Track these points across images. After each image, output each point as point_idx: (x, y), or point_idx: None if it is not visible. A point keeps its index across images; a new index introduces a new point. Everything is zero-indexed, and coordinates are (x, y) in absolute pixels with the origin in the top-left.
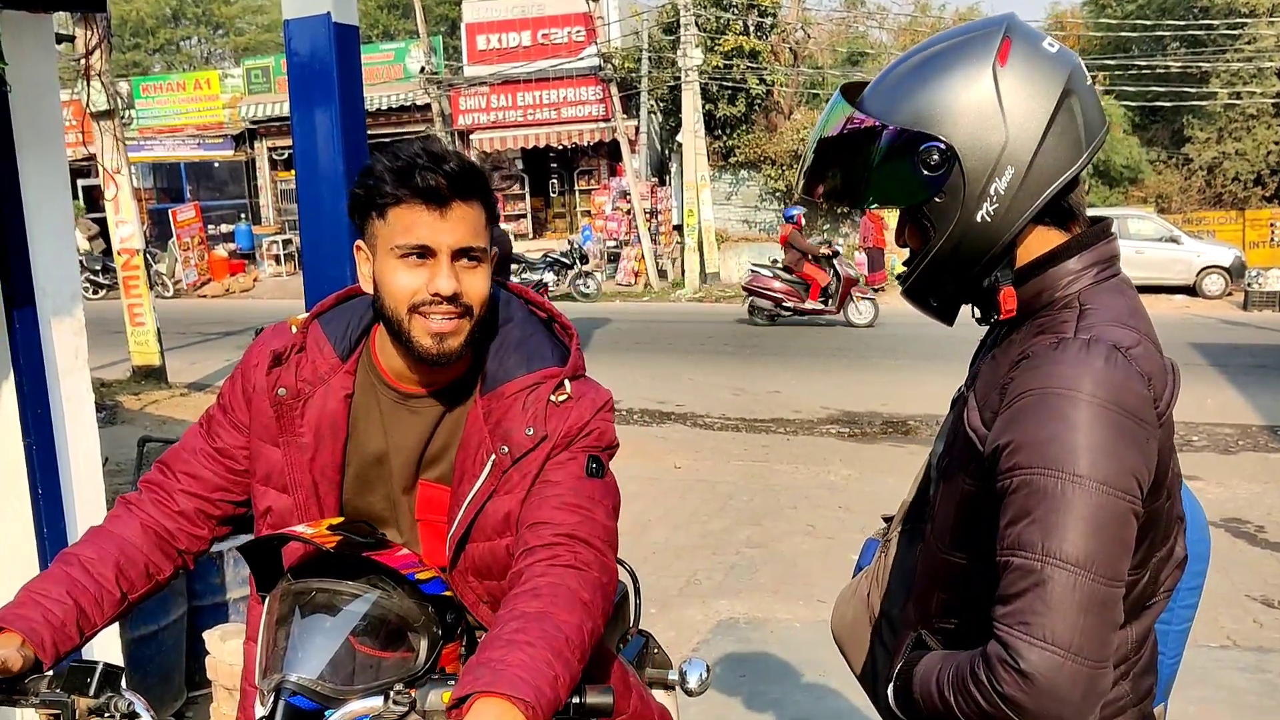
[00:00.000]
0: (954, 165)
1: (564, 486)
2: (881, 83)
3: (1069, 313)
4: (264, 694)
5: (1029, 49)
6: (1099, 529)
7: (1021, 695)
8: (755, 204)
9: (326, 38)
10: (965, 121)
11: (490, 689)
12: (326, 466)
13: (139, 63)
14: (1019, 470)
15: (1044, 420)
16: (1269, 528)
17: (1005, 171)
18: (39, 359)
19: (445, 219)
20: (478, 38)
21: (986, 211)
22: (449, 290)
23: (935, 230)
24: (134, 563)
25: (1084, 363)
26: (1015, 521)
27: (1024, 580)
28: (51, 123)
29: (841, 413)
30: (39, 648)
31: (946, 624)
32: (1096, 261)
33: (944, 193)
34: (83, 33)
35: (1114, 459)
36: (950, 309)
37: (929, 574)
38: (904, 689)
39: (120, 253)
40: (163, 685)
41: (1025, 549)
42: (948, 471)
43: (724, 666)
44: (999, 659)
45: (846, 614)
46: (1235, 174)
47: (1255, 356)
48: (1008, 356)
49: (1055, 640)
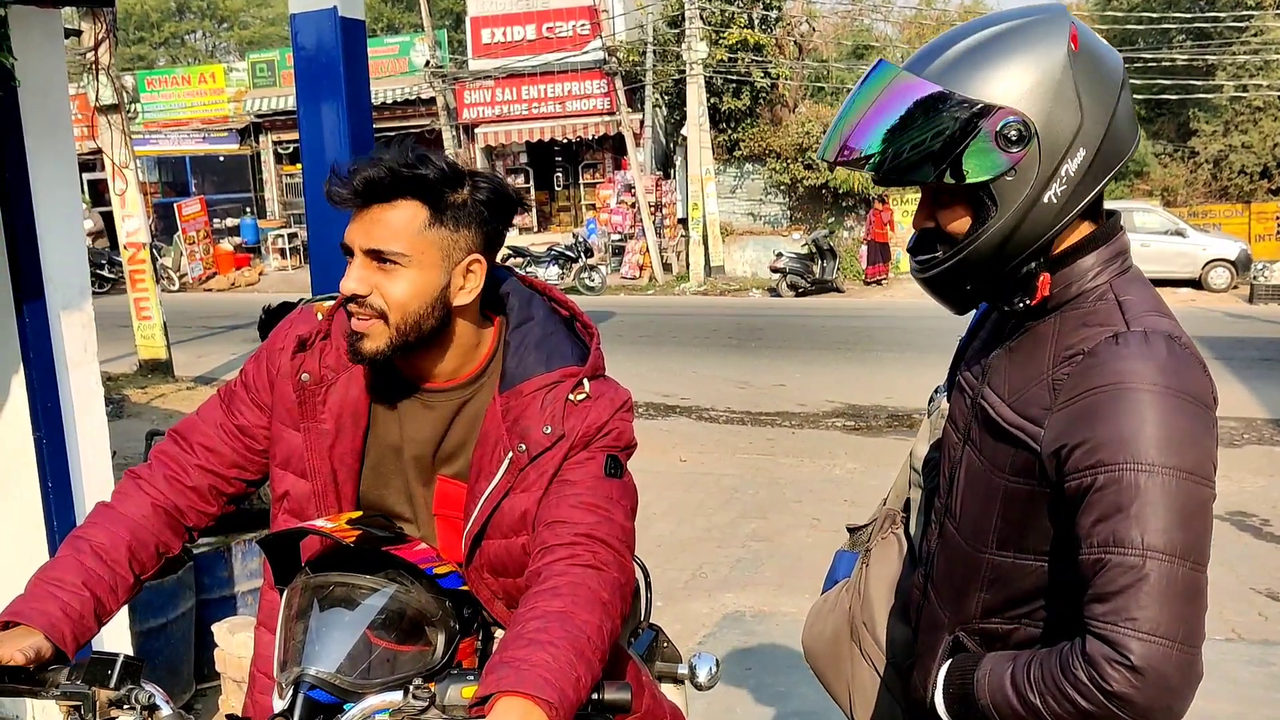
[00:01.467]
0: (1031, 142)
1: (582, 486)
2: (943, 55)
3: (1106, 304)
4: (283, 687)
5: (1092, 39)
6: (1190, 518)
7: (1133, 691)
8: (760, 197)
9: (333, 31)
10: (1045, 100)
11: (515, 689)
12: (346, 454)
13: (144, 56)
14: (1103, 467)
15: (1122, 415)
16: (1274, 521)
17: (1078, 153)
18: (48, 352)
19: (359, 220)
20: (482, 31)
21: (1055, 192)
22: (348, 290)
23: (997, 209)
24: (145, 545)
25: (1149, 355)
26: (1105, 518)
27: (1125, 576)
28: (60, 117)
29: (846, 406)
30: (60, 641)
31: (987, 625)
32: (1117, 253)
33: (1015, 170)
34: (89, 27)
35: (1195, 447)
36: (976, 295)
37: (964, 575)
38: (962, 696)
39: (127, 246)
40: (171, 678)
41: (1122, 545)
42: (973, 470)
43: (730, 659)
44: (1105, 657)
45: (824, 629)
46: (1241, 167)
47: (1261, 350)
48: (1040, 351)
49: (1163, 632)
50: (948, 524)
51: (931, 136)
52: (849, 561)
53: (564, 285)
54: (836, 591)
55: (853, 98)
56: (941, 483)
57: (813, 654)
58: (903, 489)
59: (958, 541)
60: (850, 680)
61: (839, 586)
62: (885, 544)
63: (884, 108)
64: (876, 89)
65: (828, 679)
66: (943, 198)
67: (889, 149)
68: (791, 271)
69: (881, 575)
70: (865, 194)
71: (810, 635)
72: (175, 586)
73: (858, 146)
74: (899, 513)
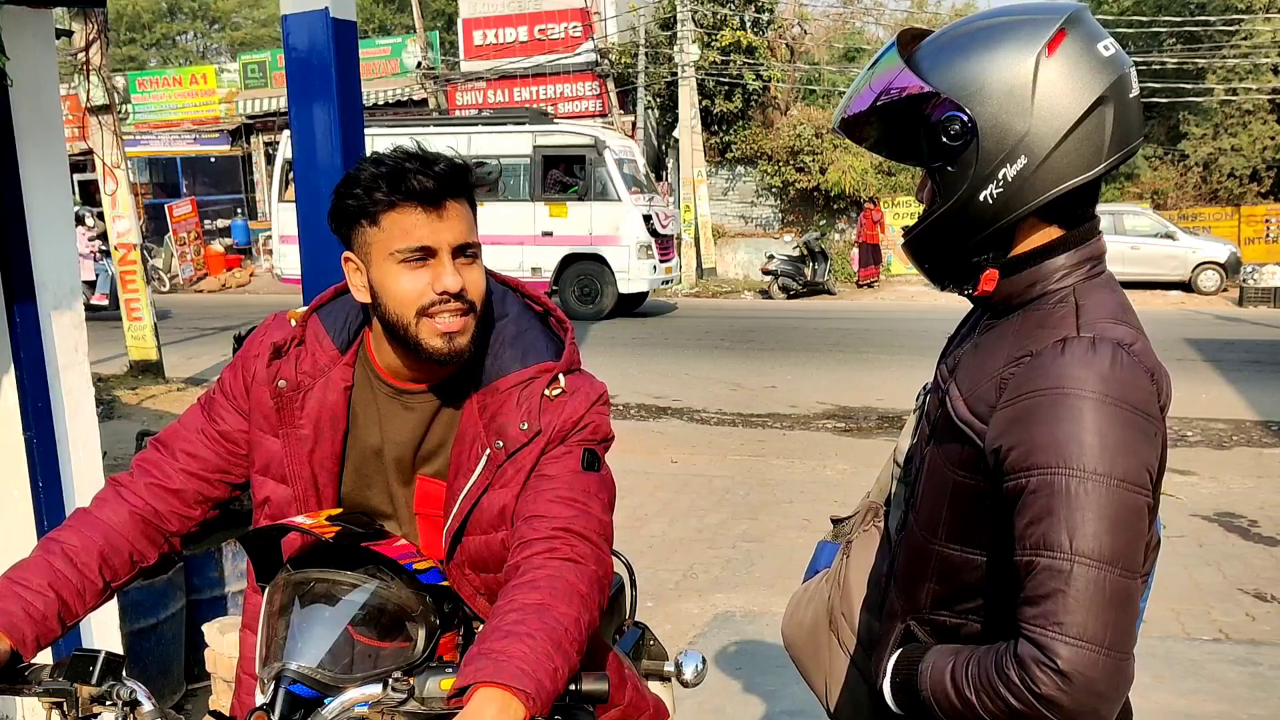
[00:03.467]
0: (971, 141)
1: (560, 480)
2: (936, 41)
3: (1064, 308)
4: (264, 682)
5: (1081, 46)
6: (1121, 525)
7: (1059, 694)
8: (752, 199)
9: (324, 32)
10: (994, 101)
11: (492, 680)
12: (326, 458)
13: (135, 57)
14: (1036, 470)
15: (1058, 420)
16: (1262, 522)
17: (1018, 160)
18: (39, 352)
19: (442, 218)
20: (474, 33)
21: (990, 193)
22: (456, 287)
23: (940, 196)
24: (118, 551)
25: (1092, 362)
26: (1036, 521)
27: (1053, 580)
28: (51, 117)
29: (837, 407)
30: (20, 642)
31: (936, 616)
32: (1089, 258)
33: (956, 164)
34: (81, 27)
35: (1130, 455)
36: (939, 274)
37: (917, 565)
38: (907, 685)
39: (118, 247)
40: (162, 677)
41: (1051, 549)
42: (932, 462)
43: (720, 659)
44: (1033, 660)
45: (804, 619)
46: (1231, 170)
47: (1250, 352)
48: (999, 349)
49: (1089, 637)
50: (910, 516)
51: (892, 116)
52: (830, 552)
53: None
54: (817, 581)
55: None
56: (910, 476)
57: (792, 643)
58: (886, 482)
59: (915, 532)
60: (828, 670)
61: (819, 576)
62: (867, 536)
63: (873, 85)
64: (876, 66)
65: (806, 668)
66: (922, 175)
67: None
68: (783, 274)
69: (861, 566)
70: (856, 196)
71: (790, 624)
72: (166, 587)
73: (844, 115)
74: (881, 505)
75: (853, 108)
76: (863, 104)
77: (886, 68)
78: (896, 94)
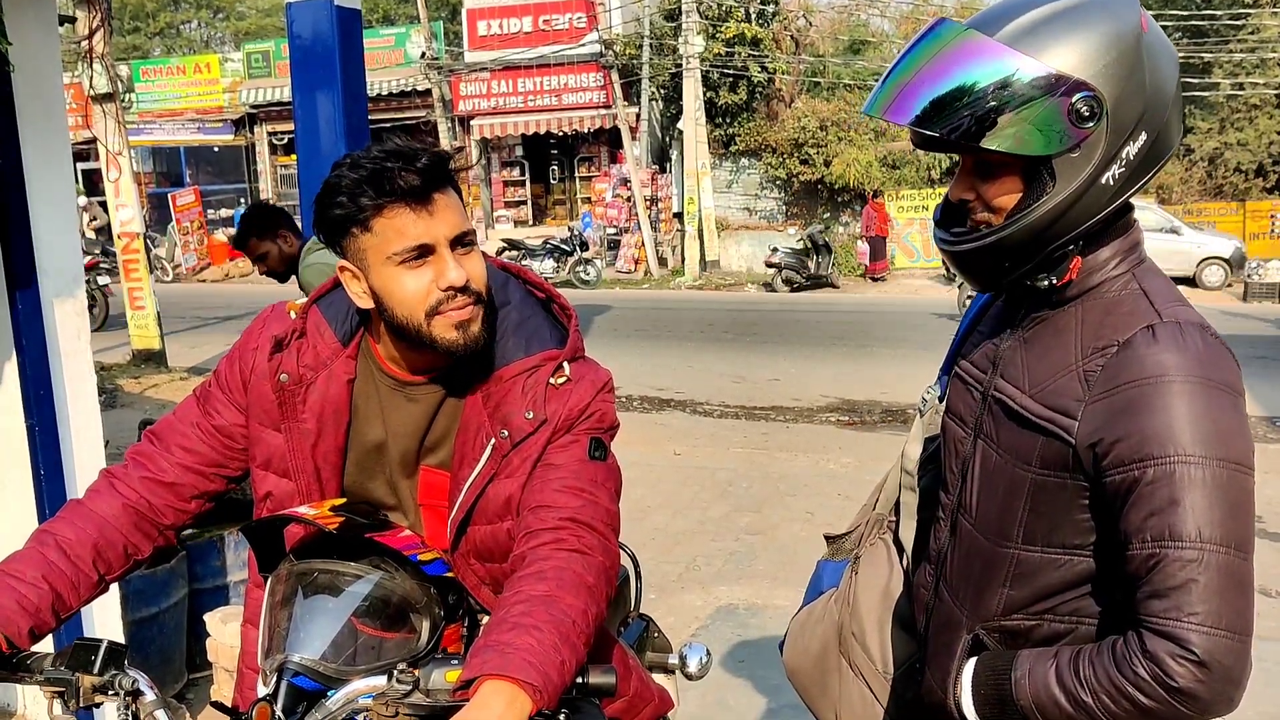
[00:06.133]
0: (1101, 120)
1: (566, 470)
2: (1017, 20)
3: (1132, 295)
4: (266, 674)
5: (1156, 25)
6: (1238, 508)
7: (1197, 685)
8: (756, 192)
9: (329, 21)
10: (1118, 78)
11: (499, 672)
12: (329, 452)
13: (139, 46)
14: (1152, 461)
15: (1167, 409)
16: (1267, 518)
17: (1140, 136)
18: (41, 339)
19: (433, 213)
20: (479, 23)
21: (1113, 174)
22: (460, 281)
23: (1055, 185)
24: (113, 544)
25: (1186, 347)
26: (1158, 512)
27: (1184, 571)
28: (54, 104)
29: (841, 401)
30: (15, 635)
31: (1010, 621)
32: (1136, 243)
33: (1080, 147)
34: (84, 15)
35: (1239, 437)
36: (1008, 273)
37: (986, 572)
38: (997, 697)
39: (120, 236)
40: (163, 667)
41: (1179, 539)
42: (994, 464)
43: (723, 651)
44: (1168, 654)
45: (809, 645)
46: (1236, 165)
47: (1255, 347)
48: (1063, 341)
49: (1226, 625)
50: (962, 520)
51: (998, 103)
52: (833, 571)
53: (559, 279)
54: (822, 603)
55: (909, 53)
56: (949, 479)
57: (796, 671)
58: (893, 492)
59: (975, 538)
60: (838, 697)
61: (824, 598)
62: (873, 550)
63: (946, 67)
64: (937, 46)
65: (812, 697)
66: (992, 169)
67: (946, 111)
68: (787, 266)
69: (871, 583)
70: (860, 189)
71: (793, 652)
72: (168, 576)
73: (910, 105)
74: (887, 517)
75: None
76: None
77: (964, 46)
78: (1003, 77)
